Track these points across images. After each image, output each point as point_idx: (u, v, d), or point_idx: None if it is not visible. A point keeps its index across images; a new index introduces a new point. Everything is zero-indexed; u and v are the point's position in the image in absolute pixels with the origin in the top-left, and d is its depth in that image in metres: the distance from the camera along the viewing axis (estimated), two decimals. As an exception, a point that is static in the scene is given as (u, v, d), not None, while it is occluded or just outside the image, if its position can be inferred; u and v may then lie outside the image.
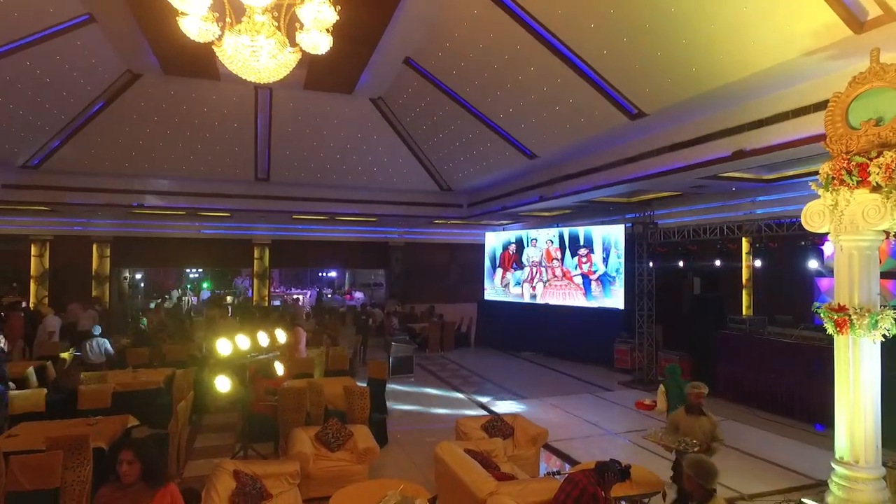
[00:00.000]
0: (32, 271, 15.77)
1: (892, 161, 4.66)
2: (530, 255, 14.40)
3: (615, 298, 12.02)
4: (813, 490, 5.59)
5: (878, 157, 4.80)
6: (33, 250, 15.82)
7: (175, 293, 21.29)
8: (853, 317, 4.96)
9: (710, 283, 11.32)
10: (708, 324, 9.94)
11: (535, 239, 14.31)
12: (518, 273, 14.73)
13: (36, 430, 5.36)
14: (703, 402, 5.18)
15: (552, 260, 13.73)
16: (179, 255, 17.91)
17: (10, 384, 6.68)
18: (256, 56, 4.51)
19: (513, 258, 14.94)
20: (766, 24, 5.56)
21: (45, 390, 6.71)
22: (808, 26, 5.37)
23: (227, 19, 4.38)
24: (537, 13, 7.26)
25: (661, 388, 6.46)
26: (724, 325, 9.62)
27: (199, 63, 10.05)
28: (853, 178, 4.94)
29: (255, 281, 18.00)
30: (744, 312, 10.62)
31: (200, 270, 25.06)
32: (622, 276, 11.85)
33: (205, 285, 24.70)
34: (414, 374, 11.24)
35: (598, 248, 12.58)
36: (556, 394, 9.79)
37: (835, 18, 5.12)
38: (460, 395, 9.80)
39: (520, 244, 14.79)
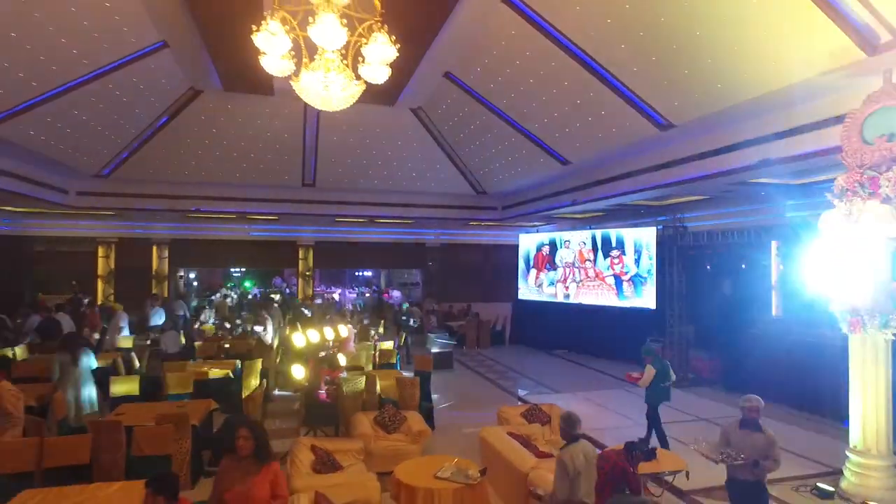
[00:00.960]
0: (100, 271, 17.09)
1: (890, 183, 5.12)
2: (563, 256, 14.92)
3: (647, 298, 12.46)
4: (829, 477, 6.03)
5: (887, 171, 5.25)
6: (100, 252, 17.14)
7: (223, 291, 22.52)
8: (865, 317, 5.39)
9: (740, 284, 11.65)
10: (737, 324, 10.32)
11: (568, 241, 14.83)
12: (552, 274, 15.27)
13: (136, 410, 6.26)
14: (757, 416, 4.79)
15: (585, 261, 14.23)
16: (229, 256, 19.08)
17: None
18: (328, 89, 5.26)
19: (546, 259, 15.49)
20: (785, 45, 6.02)
21: (138, 377, 7.66)
22: (825, 48, 5.80)
23: (304, 59, 5.11)
24: (571, 34, 7.84)
25: (648, 366, 7.49)
26: (753, 325, 9.99)
27: (256, 81, 10.92)
28: (865, 189, 5.39)
29: (300, 280, 19.00)
30: (773, 313, 10.94)
31: (242, 270, 26.34)
32: (653, 276, 12.30)
33: (246, 284, 25.96)
34: (453, 369, 11.93)
35: (629, 249, 13.03)
36: (589, 388, 10.35)
37: (849, 42, 5.56)
38: (498, 389, 10.45)
39: (553, 246, 15.32)
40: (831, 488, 5.57)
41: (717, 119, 7.94)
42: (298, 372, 5.89)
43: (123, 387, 7.21)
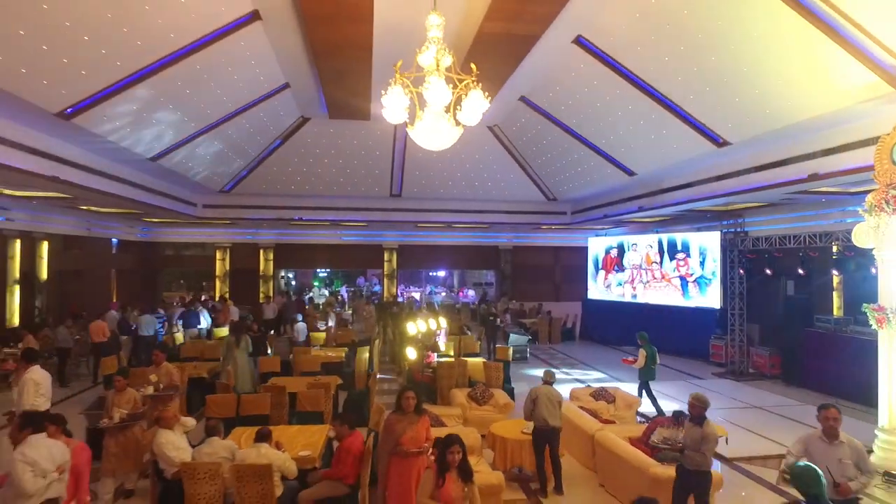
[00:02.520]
0: (217, 272, 19.78)
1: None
2: (631, 259, 15.88)
3: (711, 298, 13.26)
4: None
5: (906, 191, 6.15)
6: (217, 255, 19.82)
7: (315, 290, 24.96)
8: (890, 315, 6.32)
9: (802, 285, 12.22)
10: (797, 323, 11.02)
11: (636, 244, 15.76)
12: (620, 275, 16.26)
13: (283, 382, 8.10)
14: (702, 412, 4.82)
15: (651, 263, 15.14)
16: (323, 258, 21.37)
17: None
18: (437, 133, 6.80)
19: (614, 261, 16.49)
20: (824, 78, 6.94)
21: (279, 357, 9.62)
22: (860, 81, 6.69)
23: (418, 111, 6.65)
24: (634, 69, 9.01)
25: (642, 350, 8.95)
26: (811, 324, 10.67)
27: (357, 109, 12.76)
28: (890, 206, 6.31)
29: (385, 280, 20.97)
30: (834, 313, 11.50)
31: (327, 271, 28.81)
32: (718, 278, 13.08)
33: (335, 284, 28.40)
34: (528, 361, 13.28)
35: (694, 252, 13.85)
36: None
37: (878, 79, 6.45)
38: (569, 378, 11.70)
39: (621, 249, 16.30)
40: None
41: (768, 137, 8.83)
42: (411, 353, 7.49)
43: (268, 365, 9.17)
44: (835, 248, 10.98)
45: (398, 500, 4.32)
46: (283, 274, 22.10)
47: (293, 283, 25.14)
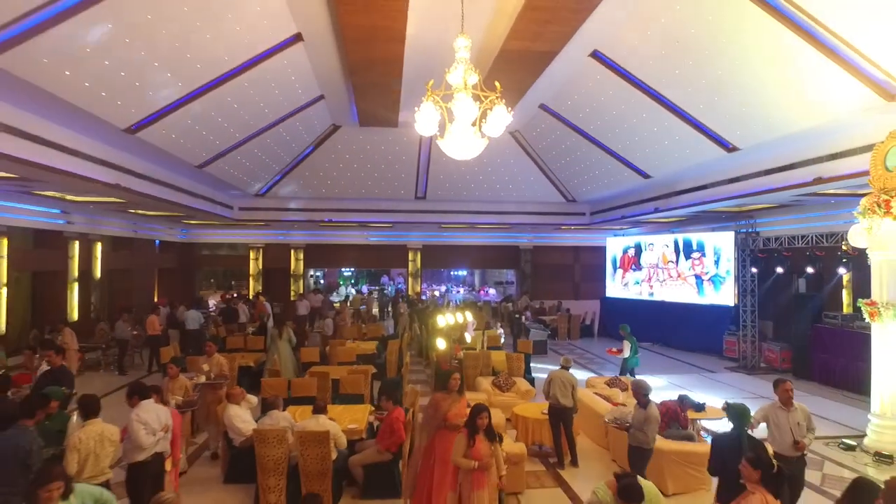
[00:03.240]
0: (251, 271, 20.83)
1: (903, 201, 6.57)
2: (647, 258, 16.42)
3: (725, 296, 13.76)
4: (857, 438, 7.47)
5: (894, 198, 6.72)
6: (251, 255, 20.88)
7: (342, 289, 25.92)
8: (881, 309, 6.88)
9: (813, 283, 12.67)
10: (807, 319, 11.51)
11: (652, 244, 16.31)
12: (637, 274, 16.82)
13: (323, 370, 8.93)
14: (644, 396, 5.56)
15: (668, 262, 15.68)
16: (351, 258, 22.31)
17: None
18: (464, 145, 7.54)
19: (631, 261, 17.05)
20: (818, 90, 7.50)
21: (318, 348, 10.48)
22: (856, 93, 7.25)
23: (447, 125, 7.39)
24: (648, 80, 9.63)
25: (626, 342, 9.84)
26: (820, 320, 11.16)
27: (385, 117, 13.57)
28: (881, 209, 6.87)
29: (409, 279, 21.81)
30: (844, 310, 11.94)
31: (351, 269, 29.77)
32: (732, 276, 13.58)
33: (359, 282, 29.35)
34: (547, 355, 13.96)
35: (709, 252, 14.37)
36: (667, 372, 11.96)
37: (871, 92, 7.01)
38: (586, 370, 12.35)
39: (638, 249, 16.86)
40: (854, 443, 7.04)
41: (776, 143, 9.37)
42: (441, 343, 8.26)
43: (308, 356, 10.04)
44: (844, 247, 11.43)
45: (443, 465, 5.07)
46: (312, 273, 23.06)
47: (322, 281, 26.12)
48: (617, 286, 17.70)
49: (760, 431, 5.05)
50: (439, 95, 7.25)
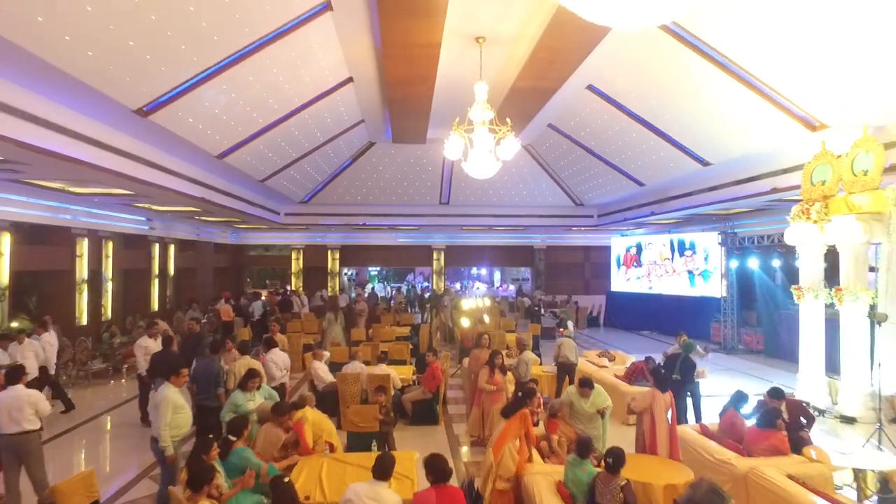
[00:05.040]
0: (293, 269, 23.33)
1: (819, 209, 8.62)
2: (647, 256, 18.43)
3: (713, 288, 15.73)
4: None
5: (815, 204, 8.76)
6: (293, 255, 23.37)
7: (370, 285, 28.28)
8: (805, 292, 8.91)
9: (790, 275, 14.53)
10: (776, 307, 13.46)
11: (651, 244, 18.32)
12: (638, 270, 18.83)
13: (366, 344, 11.21)
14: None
15: (664, 259, 17.68)
16: (380, 257, 24.67)
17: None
18: (483, 167, 9.74)
19: (633, 258, 19.07)
20: (760, 121, 9.52)
21: (363, 329, 12.82)
22: (788, 125, 9.26)
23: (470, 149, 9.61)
24: (634, 107, 11.71)
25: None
26: (787, 307, 13.10)
27: (416, 135, 15.84)
28: (804, 215, 8.91)
29: (434, 276, 24.09)
30: (811, 298, 13.82)
31: (378, 268, 32.13)
32: (719, 271, 15.55)
33: (388, 280, 31.71)
34: (555, 340, 16.04)
35: (699, 250, 16.35)
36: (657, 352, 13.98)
37: (797, 124, 9.02)
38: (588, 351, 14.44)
39: (639, 248, 18.88)
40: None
41: (741, 159, 11.37)
42: (465, 322, 10.48)
43: (356, 335, 12.37)
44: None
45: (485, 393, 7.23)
46: (346, 271, 25.48)
47: (353, 278, 28.55)
48: (621, 281, 19.73)
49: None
50: (463, 129, 9.46)
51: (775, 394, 5.88)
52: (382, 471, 3.70)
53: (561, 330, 11.54)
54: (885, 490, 4.91)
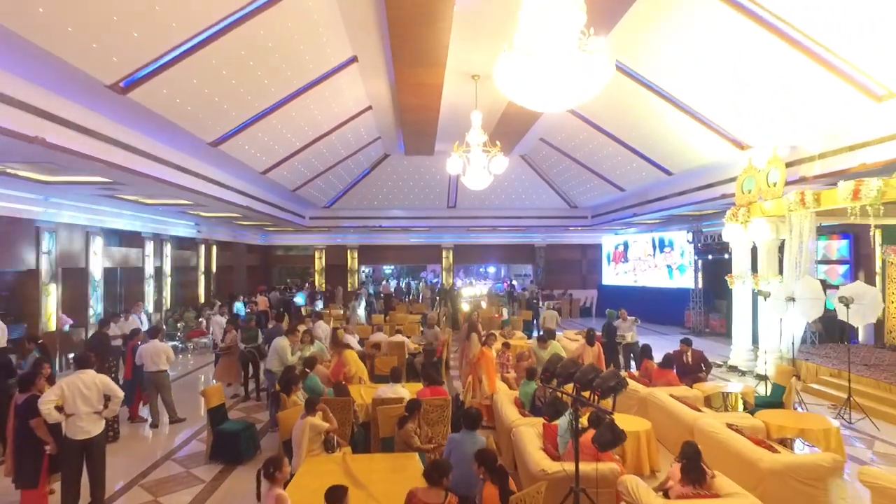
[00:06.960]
0: (316, 268, 25.83)
1: (743, 213, 10.81)
2: (633, 253, 20.62)
3: (687, 280, 17.89)
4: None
5: (741, 209, 10.95)
6: (316, 255, 25.87)
7: (393, 282, 30.72)
8: (736, 279, 11.11)
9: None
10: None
11: (636, 242, 20.50)
12: (625, 265, 21.02)
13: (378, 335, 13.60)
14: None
15: (647, 256, 19.86)
16: (395, 256, 27.08)
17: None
18: (478, 180, 12.06)
19: (621, 255, 21.27)
20: (699, 141, 11.71)
21: (382, 315, 15.23)
22: (726, 143, 11.44)
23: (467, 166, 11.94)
24: (607, 126, 13.95)
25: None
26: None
27: (425, 147, 18.20)
28: (734, 218, 11.11)
29: (444, 273, 26.46)
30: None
31: (393, 266, 34.57)
32: (692, 265, 17.70)
33: (401, 277, 34.13)
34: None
35: (676, 247, 18.51)
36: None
37: (729, 143, 11.20)
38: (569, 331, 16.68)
39: (626, 246, 21.06)
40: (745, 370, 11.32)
41: (697, 170, 13.56)
42: (465, 306, 12.82)
43: (376, 319, 14.77)
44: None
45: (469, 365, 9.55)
46: (363, 269, 27.94)
47: (370, 275, 31.02)
48: (610, 276, 21.92)
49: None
50: (462, 150, 11.75)
51: (685, 341, 8.17)
52: (396, 377, 6.07)
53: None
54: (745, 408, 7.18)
